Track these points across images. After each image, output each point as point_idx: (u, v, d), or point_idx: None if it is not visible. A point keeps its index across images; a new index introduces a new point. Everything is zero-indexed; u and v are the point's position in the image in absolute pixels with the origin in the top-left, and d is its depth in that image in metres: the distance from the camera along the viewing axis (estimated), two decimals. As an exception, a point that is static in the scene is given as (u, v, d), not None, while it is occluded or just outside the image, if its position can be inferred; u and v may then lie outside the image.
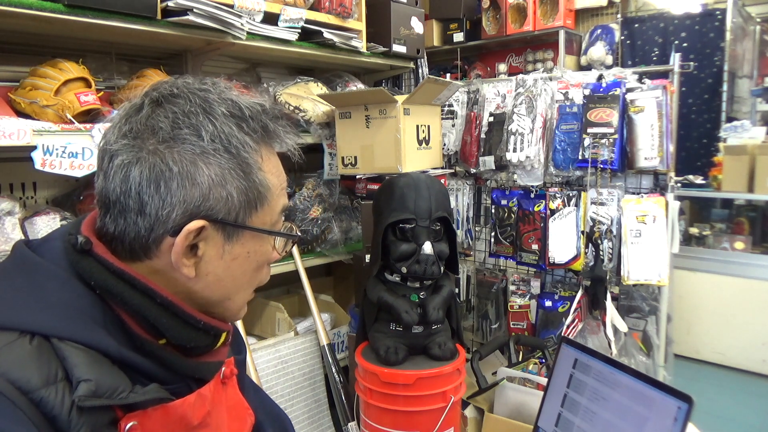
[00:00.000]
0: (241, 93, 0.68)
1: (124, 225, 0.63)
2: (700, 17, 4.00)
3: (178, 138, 0.62)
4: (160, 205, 0.62)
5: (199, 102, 0.64)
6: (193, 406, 0.66)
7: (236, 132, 0.64)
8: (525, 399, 1.74)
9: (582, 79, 2.15)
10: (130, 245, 0.64)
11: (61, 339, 0.58)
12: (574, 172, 2.10)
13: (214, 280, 0.67)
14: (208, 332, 0.69)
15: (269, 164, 0.68)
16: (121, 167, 0.62)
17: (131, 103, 0.66)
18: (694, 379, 3.41)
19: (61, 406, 0.55)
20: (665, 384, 1.05)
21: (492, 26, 4.03)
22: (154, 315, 0.63)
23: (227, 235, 0.66)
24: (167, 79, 0.68)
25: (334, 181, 2.47)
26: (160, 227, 0.62)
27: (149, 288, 0.63)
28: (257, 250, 0.69)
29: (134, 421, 0.59)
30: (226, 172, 0.63)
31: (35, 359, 0.56)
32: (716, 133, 3.93)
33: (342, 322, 2.50)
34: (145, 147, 0.62)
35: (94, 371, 0.57)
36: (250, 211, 0.66)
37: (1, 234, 1.53)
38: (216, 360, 0.73)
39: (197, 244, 0.64)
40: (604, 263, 2.05)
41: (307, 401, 2.22)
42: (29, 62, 1.70)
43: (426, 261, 1.69)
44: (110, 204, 0.64)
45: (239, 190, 0.64)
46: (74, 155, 1.53)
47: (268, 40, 2.08)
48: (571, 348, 1.30)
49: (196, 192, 0.62)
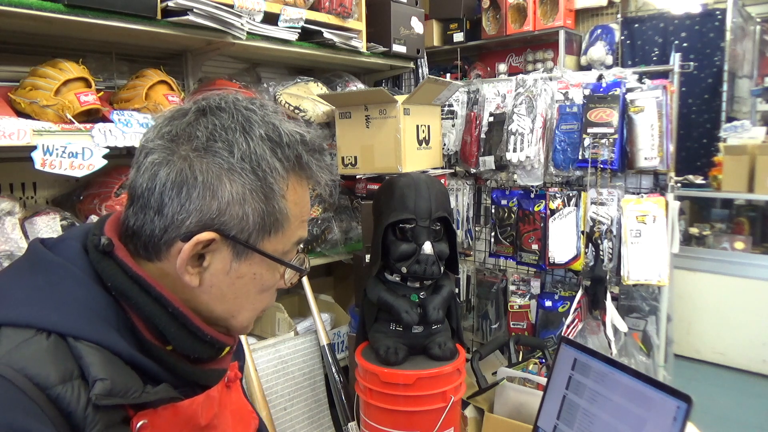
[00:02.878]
0: (287, 120, 0.69)
1: (143, 221, 0.65)
2: (700, 17, 4.00)
3: (210, 150, 0.63)
4: (177, 209, 0.63)
5: (240, 120, 0.65)
6: (202, 406, 0.68)
7: (268, 156, 0.65)
8: (525, 399, 1.74)
9: (582, 79, 2.15)
10: (144, 243, 0.66)
11: (76, 338, 0.59)
12: (574, 172, 2.10)
13: (217, 294, 0.68)
14: (213, 345, 0.70)
15: (294, 194, 0.68)
16: (152, 165, 0.64)
17: (180, 106, 0.68)
18: (694, 379, 3.41)
19: (77, 403, 0.56)
20: (664, 384, 1.05)
21: (492, 26, 4.03)
22: (163, 323, 0.65)
23: (236, 253, 0.66)
24: (221, 92, 0.70)
25: (334, 181, 2.47)
26: (173, 231, 0.64)
27: (162, 296, 0.65)
28: (263, 275, 0.70)
29: (145, 420, 0.61)
30: (247, 192, 0.64)
31: (52, 356, 0.57)
32: (716, 133, 3.94)
33: (342, 322, 2.50)
34: (177, 151, 0.64)
35: (108, 371, 0.58)
36: (263, 234, 0.67)
37: (1, 234, 1.53)
38: (220, 367, 0.74)
39: (205, 254, 0.65)
40: (604, 263, 2.05)
41: (307, 401, 2.22)
42: (29, 62, 1.70)
43: (426, 261, 1.69)
44: (135, 197, 0.65)
45: (256, 212, 0.65)
46: (74, 155, 1.53)
47: (268, 40, 2.08)
48: (570, 348, 1.30)
49: (214, 205, 0.63)
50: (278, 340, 2.19)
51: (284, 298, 2.66)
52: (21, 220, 1.60)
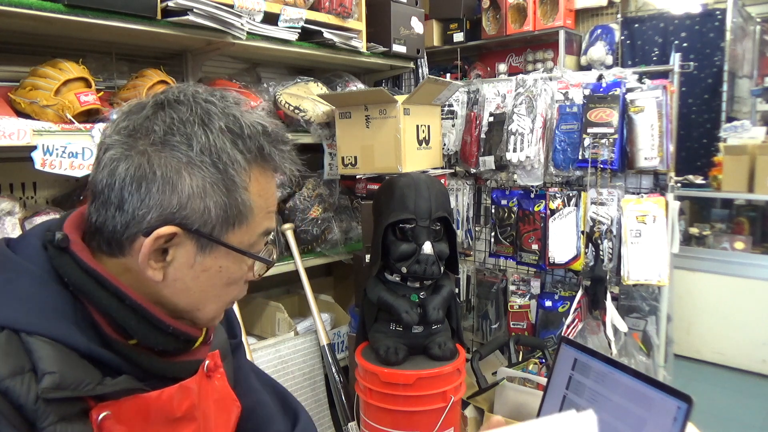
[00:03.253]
0: (251, 111, 0.69)
1: (104, 217, 0.65)
2: (700, 17, 4.00)
3: (168, 144, 0.63)
4: (138, 204, 0.63)
5: (199, 112, 0.64)
6: (174, 397, 0.67)
7: (229, 148, 0.64)
8: (525, 399, 1.75)
9: (582, 79, 2.15)
10: (107, 239, 0.65)
11: (29, 333, 0.59)
12: (574, 172, 2.10)
13: (182, 287, 0.68)
14: (178, 337, 0.69)
15: (257, 185, 0.68)
16: (111, 161, 0.63)
17: (138, 101, 0.67)
18: (694, 379, 3.41)
19: (27, 396, 0.56)
20: (665, 384, 1.05)
21: (492, 26, 4.03)
22: (122, 316, 0.64)
23: (200, 246, 0.66)
24: (181, 84, 0.69)
25: (334, 181, 2.47)
26: (134, 226, 0.63)
27: (119, 289, 0.64)
28: (229, 267, 0.69)
29: (107, 411, 0.61)
30: (208, 186, 0.64)
31: (3, 351, 0.57)
32: (716, 133, 3.93)
33: (342, 322, 2.50)
34: (136, 146, 0.63)
35: (59, 364, 0.58)
36: (227, 227, 0.66)
37: (1, 234, 1.53)
38: (194, 359, 0.73)
39: (168, 249, 0.65)
40: (604, 263, 2.05)
41: (307, 401, 2.22)
42: (29, 62, 1.70)
43: (426, 261, 1.69)
44: (96, 193, 0.65)
45: (218, 205, 0.64)
46: (74, 155, 1.53)
47: (268, 40, 2.08)
48: (570, 348, 1.30)
49: (174, 199, 0.63)
50: (278, 340, 2.19)
51: (284, 298, 2.66)
52: (21, 220, 1.60)
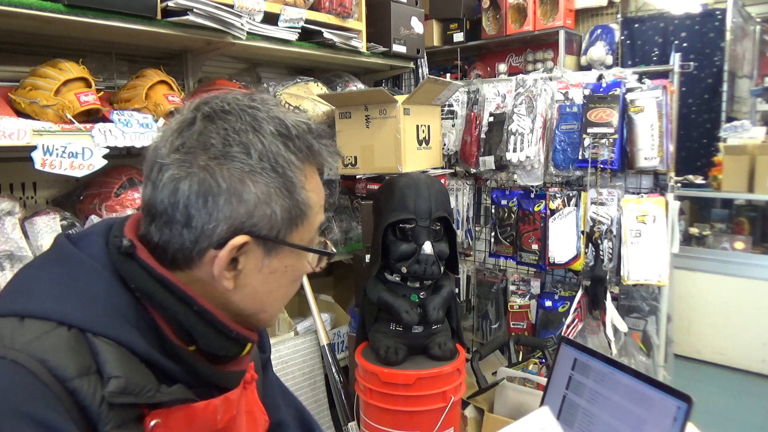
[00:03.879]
0: (287, 110, 0.70)
1: (169, 235, 0.65)
2: (700, 17, 4.00)
3: (228, 155, 0.63)
4: (206, 219, 0.63)
5: (249, 120, 0.65)
6: (219, 409, 0.68)
7: (283, 151, 0.66)
8: (525, 399, 1.75)
9: (582, 79, 2.15)
10: (173, 255, 0.66)
11: (95, 334, 0.59)
12: (574, 172, 2.10)
13: (251, 292, 0.69)
14: (238, 341, 0.70)
15: (311, 183, 0.69)
16: (171, 180, 0.63)
17: (182, 116, 0.67)
18: (694, 379, 3.41)
19: (93, 398, 0.56)
20: (665, 384, 1.05)
21: (492, 26, 4.03)
22: (190, 322, 0.65)
23: (267, 250, 0.67)
24: (217, 93, 0.69)
25: (334, 181, 2.47)
26: (204, 240, 0.64)
27: (188, 295, 0.65)
28: (294, 265, 0.71)
29: (158, 419, 0.61)
30: (272, 191, 0.65)
31: (72, 349, 0.58)
32: (716, 133, 3.93)
33: (342, 322, 2.50)
34: (196, 162, 0.63)
35: (124, 368, 0.59)
36: (291, 228, 0.68)
37: (1, 234, 1.53)
38: (240, 369, 0.74)
39: (238, 258, 0.66)
40: (604, 263, 2.05)
41: (307, 401, 2.22)
42: (29, 62, 1.70)
43: (426, 261, 1.69)
44: (156, 214, 0.65)
45: (283, 208, 0.66)
46: (74, 155, 1.53)
47: (268, 40, 2.08)
48: (570, 348, 1.30)
49: (242, 209, 0.64)
50: (278, 340, 2.19)
51: (284, 298, 2.66)
52: (21, 220, 1.60)
